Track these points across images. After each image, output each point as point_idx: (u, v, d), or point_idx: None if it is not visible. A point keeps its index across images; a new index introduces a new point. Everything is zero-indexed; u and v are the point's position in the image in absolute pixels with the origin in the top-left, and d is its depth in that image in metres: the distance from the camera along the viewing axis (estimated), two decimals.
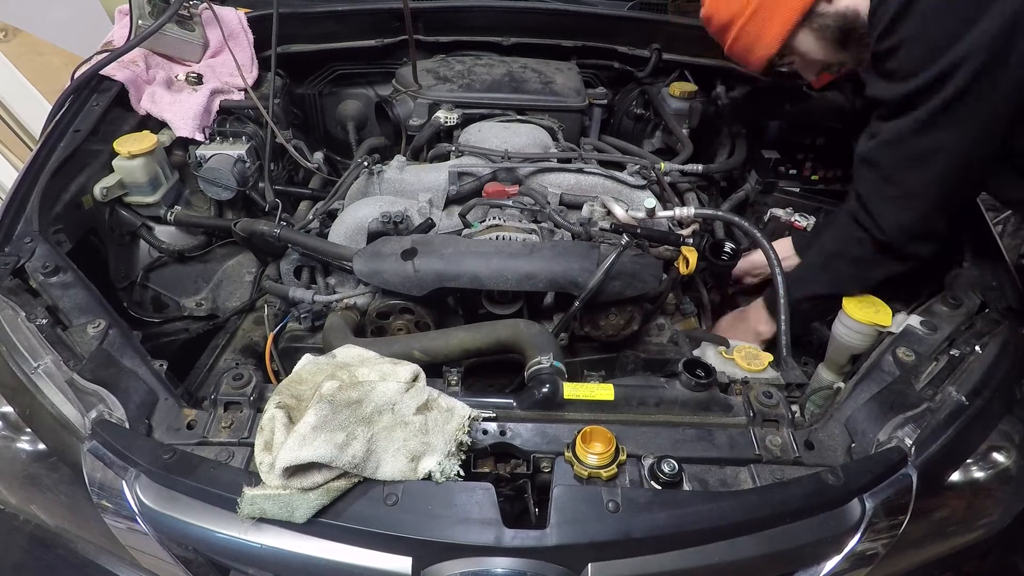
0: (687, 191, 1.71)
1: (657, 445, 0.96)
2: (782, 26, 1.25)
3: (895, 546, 0.95)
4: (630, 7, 2.13)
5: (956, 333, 1.13)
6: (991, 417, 1.03)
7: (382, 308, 1.26)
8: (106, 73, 1.51)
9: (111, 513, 0.94)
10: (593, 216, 1.34)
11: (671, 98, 1.91)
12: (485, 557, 0.83)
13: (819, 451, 0.98)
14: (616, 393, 1.02)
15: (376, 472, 0.86)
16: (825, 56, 1.29)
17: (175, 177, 1.58)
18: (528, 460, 0.95)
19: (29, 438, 1.00)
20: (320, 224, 1.46)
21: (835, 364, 1.30)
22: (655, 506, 0.85)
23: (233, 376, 1.00)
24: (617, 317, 1.28)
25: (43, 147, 1.35)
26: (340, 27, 1.96)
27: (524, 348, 1.12)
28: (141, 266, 1.53)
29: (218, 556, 0.96)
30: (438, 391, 0.97)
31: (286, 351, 1.34)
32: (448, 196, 1.46)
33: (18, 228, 1.19)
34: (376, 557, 0.85)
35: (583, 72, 2.00)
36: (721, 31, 1.35)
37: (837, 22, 1.22)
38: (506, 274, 1.19)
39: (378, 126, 1.92)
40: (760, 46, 1.30)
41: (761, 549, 0.87)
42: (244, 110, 1.67)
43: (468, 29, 2.02)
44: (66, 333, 1.04)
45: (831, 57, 1.29)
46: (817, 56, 1.30)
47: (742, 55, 1.36)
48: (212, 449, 0.93)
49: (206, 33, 1.74)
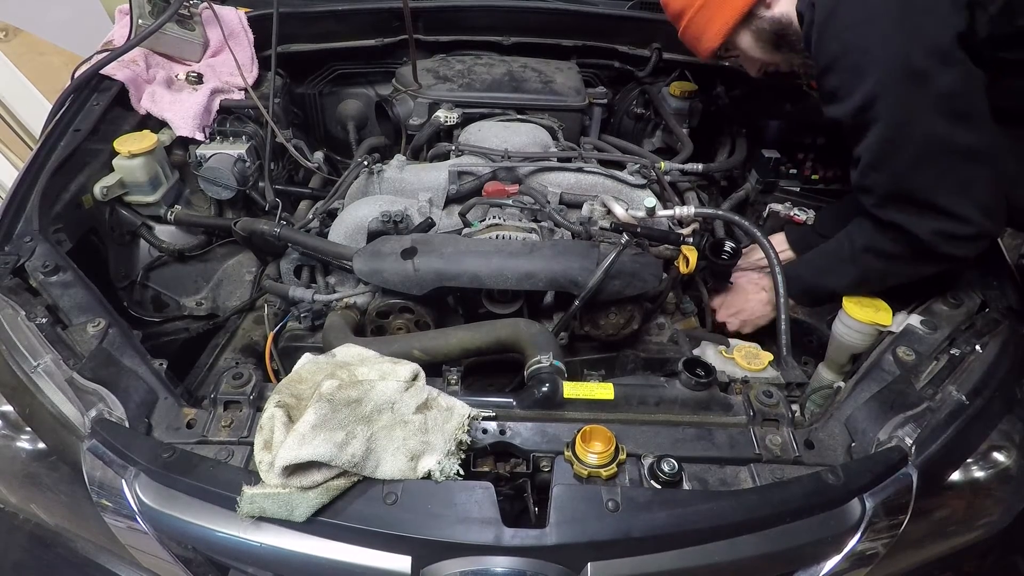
0: (687, 190, 1.71)
1: (657, 444, 0.96)
2: (724, 24, 1.35)
3: (895, 546, 0.95)
4: (630, 7, 2.13)
5: (956, 333, 1.13)
6: (991, 417, 1.03)
7: (382, 307, 1.26)
8: (106, 72, 1.51)
9: (111, 512, 0.94)
10: (593, 215, 1.34)
11: (671, 97, 1.91)
12: (485, 556, 0.83)
13: (819, 450, 0.98)
14: (616, 392, 1.02)
15: (376, 471, 0.86)
16: (763, 55, 1.38)
17: (175, 177, 1.58)
18: (528, 459, 0.95)
19: (29, 437, 1.00)
20: (320, 223, 1.46)
21: (835, 363, 1.30)
22: (655, 505, 0.85)
23: (233, 375, 1.00)
24: (617, 316, 1.28)
25: (43, 147, 1.35)
26: (340, 27, 1.96)
27: (524, 347, 1.11)
28: (141, 265, 1.53)
29: (218, 555, 0.96)
30: (438, 390, 0.97)
31: (286, 350, 1.34)
32: (448, 195, 1.46)
33: (18, 227, 1.19)
34: (376, 556, 0.85)
35: (583, 71, 2.00)
36: (674, 19, 1.45)
37: (772, 27, 1.31)
38: (506, 273, 1.19)
39: (378, 126, 1.92)
40: (705, 39, 1.40)
41: (761, 549, 0.87)
42: (244, 110, 1.67)
43: (468, 29, 2.02)
44: (66, 332, 1.04)
45: (768, 57, 1.39)
46: (755, 55, 1.39)
47: (691, 44, 1.47)
48: (212, 448, 0.93)
49: (206, 32, 1.74)
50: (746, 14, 1.32)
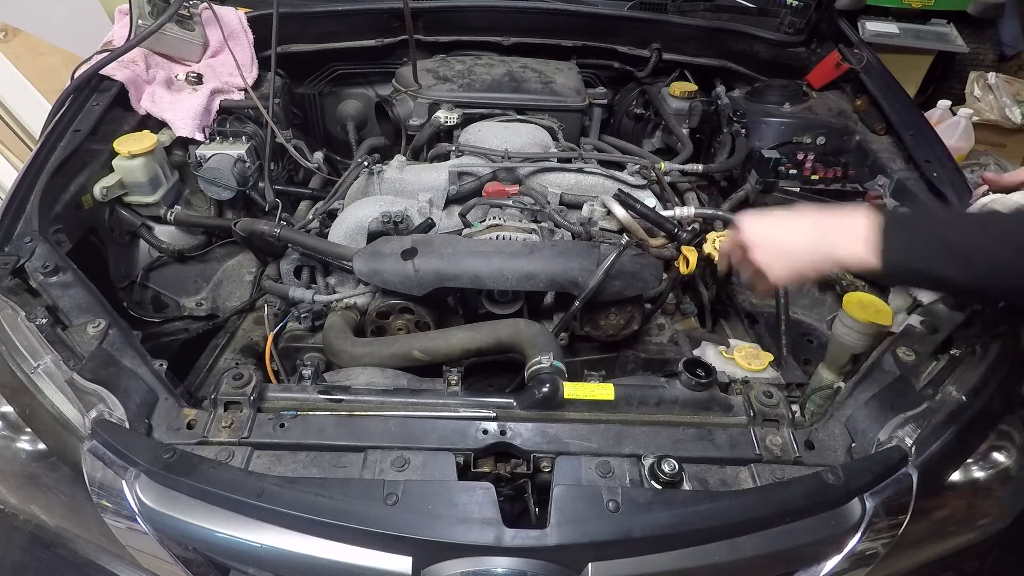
0: (687, 191, 1.71)
1: (657, 445, 0.96)
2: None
3: (895, 546, 0.95)
4: (630, 7, 2.14)
5: (956, 333, 1.13)
6: (991, 417, 1.03)
7: (382, 308, 1.26)
8: (106, 73, 1.51)
9: (111, 513, 0.94)
10: (593, 216, 1.34)
11: (671, 98, 1.91)
12: (485, 557, 0.83)
13: (819, 451, 0.98)
14: (616, 393, 1.02)
15: None
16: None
17: (175, 177, 1.58)
18: (528, 460, 0.95)
19: (29, 438, 0.99)
20: (320, 224, 1.46)
21: (835, 364, 1.30)
22: (655, 506, 0.85)
23: (233, 376, 1.00)
24: (617, 317, 1.28)
25: (43, 147, 1.35)
26: (340, 27, 1.96)
27: (524, 348, 1.11)
28: (141, 266, 1.53)
29: (218, 556, 0.96)
30: None
31: (286, 351, 1.34)
32: (448, 196, 1.46)
33: (18, 228, 1.19)
34: (376, 557, 0.85)
35: (583, 72, 2.01)
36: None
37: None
38: (506, 274, 1.19)
39: (378, 126, 1.93)
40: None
41: (761, 549, 0.87)
42: (244, 110, 1.67)
43: (468, 29, 2.02)
44: (66, 333, 1.04)
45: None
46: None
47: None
48: (212, 449, 0.93)
49: (206, 33, 1.74)
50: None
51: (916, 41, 3.01)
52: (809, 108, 1.85)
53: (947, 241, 0.86)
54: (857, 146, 1.73)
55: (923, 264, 0.87)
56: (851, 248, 0.88)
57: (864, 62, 1.83)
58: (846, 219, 0.91)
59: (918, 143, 1.59)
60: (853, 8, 2.85)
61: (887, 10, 3.06)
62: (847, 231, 0.90)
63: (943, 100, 2.89)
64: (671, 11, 2.11)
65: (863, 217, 0.89)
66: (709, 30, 2.04)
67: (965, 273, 0.85)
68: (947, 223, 0.91)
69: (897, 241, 0.87)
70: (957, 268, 0.85)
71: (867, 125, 1.76)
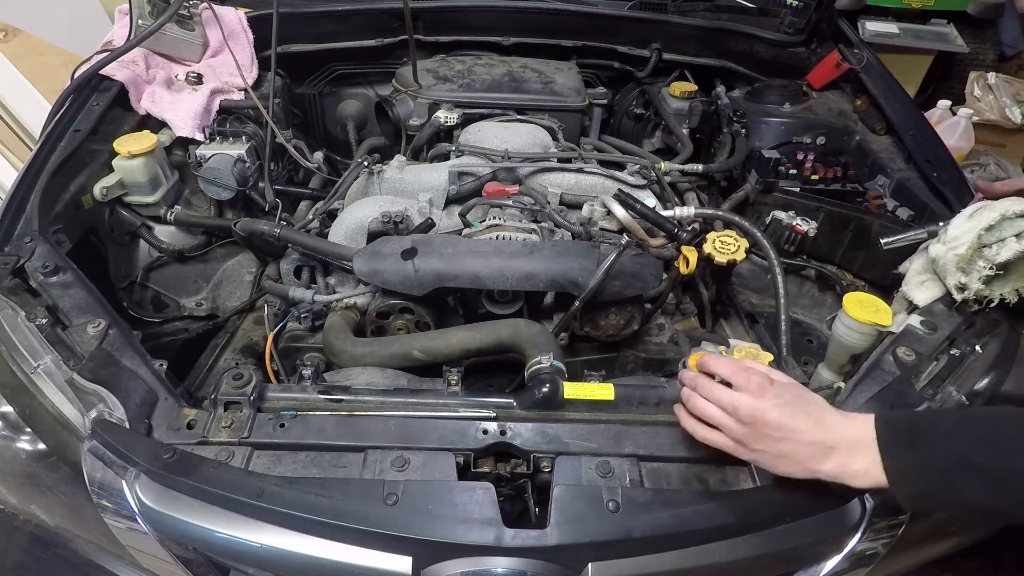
0: (687, 191, 1.71)
1: (657, 445, 0.96)
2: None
3: (895, 546, 0.95)
4: (630, 7, 2.14)
5: (956, 333, 1.12)
6: None
7: (382, 308, 1.26)
8: (106, 73, 1.51)
9: (111, 513, 0.94)
10: (593, 216, 1.34)
11: (671, 98, 1.91)
12: (485, 557, 0.83)
13: None
14: (616, 393, 1.02)
15: None
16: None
17: (175, 177, 1.58)
18: (528, 460, 0.95)
19: (29, 438, 0.99)
20: (320, 224, 1.46)
21: (835, 364, 1.30)
22: (655, 506, 0.85)
23: (233, 376, 1.00)
24: (617, 317, 1.28)
25: (43, 147, 1.35)
26: (340, 27, 1.96)
27: (524, 348, 1.11)
28: (141, 266, 1.53)
29: (218, 556, 0.96)
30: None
31: (286, 351, 1.34)
32: (448, 196, 1.46)
33: (18, 228, 1.19)
34: (376, 557, 0.85)
35: (583, 72, 2.01)
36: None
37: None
38: (506, 274, 1.19)
39: (378, 126, 1.93)
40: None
41: (761, 549, 0.87)
42: (244, 110, 1.67)
43: (468, 29, 2.02)
44: (66, 333, 1.04)
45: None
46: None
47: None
48: (212, 449, 0.93)
49: (206, 33, 1.74)
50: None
51: (916, 41, 3.01)
52: (809, 108, 1.85)
53: (970, 461, 0.71)
54: (857, 146, 1.73)
55: (947, 494, 0.75)
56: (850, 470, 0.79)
57: (864, 62, 1.83)
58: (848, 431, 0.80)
59: (918, 143, 1.60)
60: (853, 8, 2.85)
61: (887, 10, 3.06)
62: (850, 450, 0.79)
63: (943, 100, 2.89)
64: (671, 11, 2.11)
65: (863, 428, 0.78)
66: (709, 30, 2.05)
67: (1002, 498, 0.71)
68: (963, 435, 0.76)
69: (905, 465, 0.75)
70: (987, 492, 0.71)
71: (867, 125, 1.76)
